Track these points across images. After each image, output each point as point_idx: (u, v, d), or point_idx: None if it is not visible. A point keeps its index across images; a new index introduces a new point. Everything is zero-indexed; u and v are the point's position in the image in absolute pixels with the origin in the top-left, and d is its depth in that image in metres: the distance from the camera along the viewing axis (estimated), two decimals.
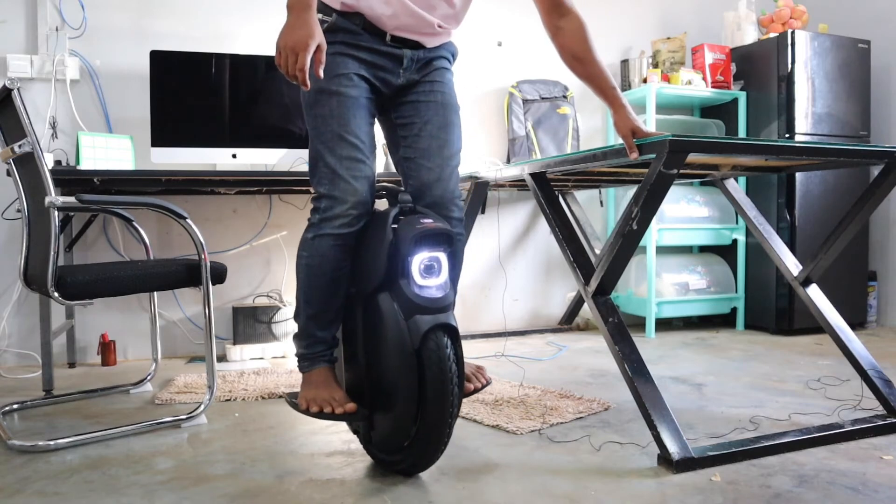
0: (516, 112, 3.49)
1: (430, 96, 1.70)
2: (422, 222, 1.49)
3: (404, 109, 1.71)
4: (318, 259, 1.58)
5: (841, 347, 2.07)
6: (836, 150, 1.80)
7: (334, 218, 1.56)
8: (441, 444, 1.48)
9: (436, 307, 1.46)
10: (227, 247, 3.15)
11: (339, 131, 1.57)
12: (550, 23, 1.77)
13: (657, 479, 1.55)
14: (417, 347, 1.43)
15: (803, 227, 3.49)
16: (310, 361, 1.64)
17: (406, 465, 1.53)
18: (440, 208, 1.67)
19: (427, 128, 1.68)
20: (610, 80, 1.75)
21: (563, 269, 3.75)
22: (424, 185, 1.66)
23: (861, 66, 3.64)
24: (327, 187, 1.57)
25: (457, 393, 1.45)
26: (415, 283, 1.47)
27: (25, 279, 2.00)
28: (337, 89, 1.58)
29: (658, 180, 1.63)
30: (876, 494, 1.46)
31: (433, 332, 1.44)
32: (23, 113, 1.83)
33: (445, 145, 1.69)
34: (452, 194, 1.69)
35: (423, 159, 1.67)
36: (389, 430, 1.53)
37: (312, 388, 1.60)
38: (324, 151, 1.58)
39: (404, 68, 1.67)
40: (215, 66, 2.90)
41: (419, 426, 1.46)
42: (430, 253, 1.50)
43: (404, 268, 1.48)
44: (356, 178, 1.56)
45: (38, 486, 1.54)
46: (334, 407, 1.54)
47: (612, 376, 2.56)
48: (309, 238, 1.60)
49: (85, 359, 2.96)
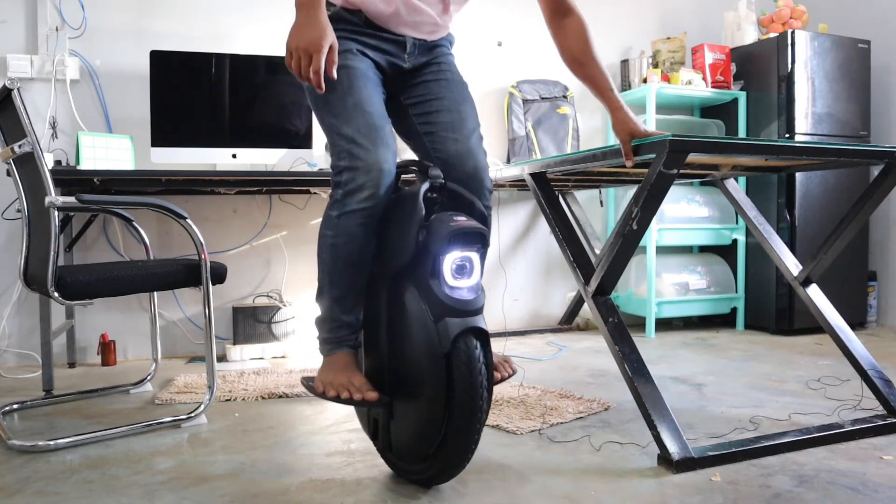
0: (516, 112, 3.49)
1: (440, 75, 1.68)
2: (455, 220, 1.40)
3: (415, 90, 1.67)
4: (345, 238, 1.49)
5: (841, 347, 2.07)
6: (836, 150, 1.80)
7: (358, 190, 1.46)
8: (468, 453, 1.40)
9: (467, 310, 1.38)
10: (227, 247, 3.15)
11: (352, 101, 1.50)
12: (553, 22, 1.77)
13: (657, 479, 1.55)
14: (447, 352, 1.35)
15: (803, 227, 3.49)
16: (332, 345, 1.56)
17: (430, 474, 1.45)
18: (473, 181, 1.60)
19: (443, 102, 1.64)
20: (609, 82, 1.75)
21: (563, 269, 3.75)
22: (453, 157, 1.60)
23: (861, 66, 3.64)
24: (347, 159, 1.47)
25: (487, 398, 1.38)
26: (446, 284, 1.39)
27: (25, 279, 2.00)
28: (343, 62, 1.53)
29: (658, 180, 1.63)
30: (876, 494, 1.46)
31: (463, 336, 1.36)
32: (23, 113, 1.83)
33: (467, 118, 1.65)
34: (485, 168, 1.63)
35: (446, 132, 1.61)
36: (413, 437, 1.45)
37: (332, 372, 1.52)
38: (338, 125, 1.50)
39: (408, 53, 1.65)
40: (215, 66, 2.90)
41: (446, 433, 1.38)
42: (462, 252, 1.41)
43: (435, 267, 1.39)
44: (376, 144, 1.47)
45: (38, 486, 1.54)
46: (352, 393, 1.46)
47: (612, 376, 2.56)
48: (333, 216, 1.50)
49: (85, 359, 2.96)
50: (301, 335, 3.08)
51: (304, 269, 3.25)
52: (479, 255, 1.44)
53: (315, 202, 3.26)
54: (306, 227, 3.27)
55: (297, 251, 3.24)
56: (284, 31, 3.43)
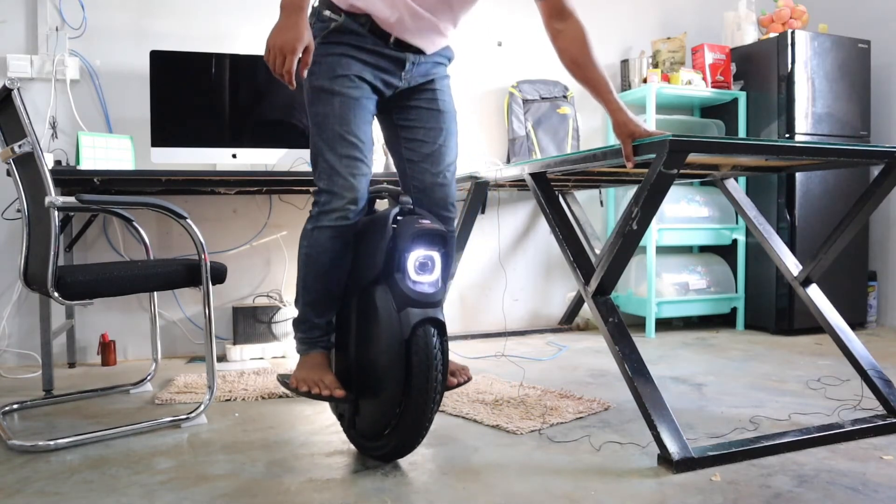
0: (516, 112, 3.49)
1: (433, 104, 1.81)
2: (420, 222, 1.58)
3: (407, 113, 1.80)
4: (317, 249, 1.67)
5: (841, 347, 2.07)
6: (836, 150, 1.80)
7: (331, 212, 1.65)
8: (422, 431, 1.56)
9: (427, 302, 1.55)
10: (227, 247, 3.15)
11: (339, 131, 1.65)
12: (551, 26, 1.79)
13: (657, 479, 1.55)
14: (407, 337, 1.51)
15: (803, 227, 3.49)
16: (307, 345, 1.73)
17: (387, 450, 1.60)
18: (440, 209, 1.80)
19: (430, 134, 1.79)
20: (608, 84, 1.76)
21: (563, 269, 3.75)
22: (427, 187, 1.79)
23: (861, 66, 3.64)
24: (326, 183, 1.65)
25: (441, 381, 1.54)
26: (409, 278, 1.56)
27: (25, 279, 2.00)
28: (340, 90, 1.66)
29: (658, 180, 1.63)
30: (876, 494, 1.46)
31: (422, 324, 1.52)
32: (23, 113, 1.83)
33: (447, 153, 1.81)
34: (452, 197, 1.83)
35: (426, 164, 1.79)
36: (374, 414, 1.61)
37: (305, 370, 1.69)
38: (324, 149, 1.66)
39: (405, 72, 1.74)
40: (215, 66, 2.90)
41: (403, 411, 1.54)
42: (425, 251, 1.58)
43: (400, 263, 1.56)
44: (354, 175, 1.64)
45: (38, 486, 1.54)
46: (321, 389, 1.63)
47: (612, 376, 2.56)
48: (309, 229, 1.69)
49: (85, 359, 2.96)
50: None
51: None
52: (441, 254, 1.62)
53: None
54: None
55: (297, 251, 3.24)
56: None
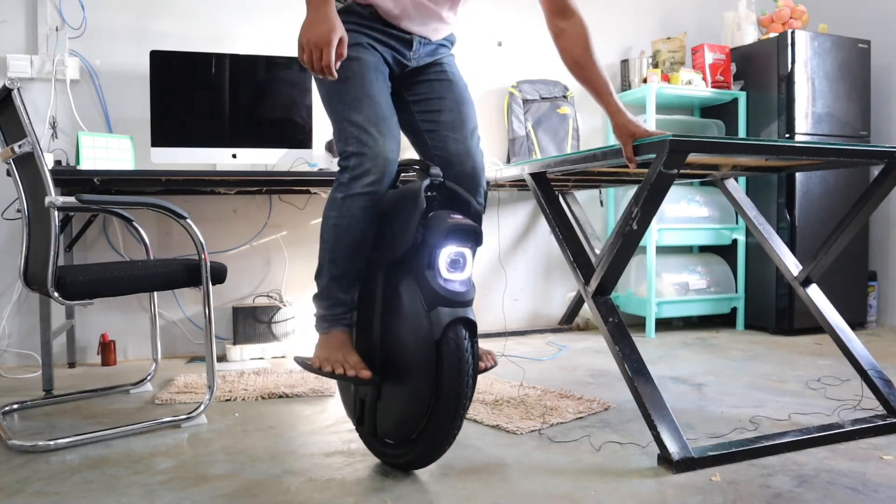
0: (516, 112, 3.49)
1: (443, 75, 1.76)
2: (452, 217, 1.49)
3: (418, 88, 1.75)
4: (348, 219, 1.57)
5: (841, 347, 2.07)
6: (836, 150, 1.80)
7: (365, 174, 1.55)
8: (450, 438, 1.48)
9: (458, 301, 1.46)
10: (227, 247, 3.15)
11: (362, 91, 1.58)
12: (554, 24, 1.77)
13: (657, 479, 1.55)
14: (438, 339, 1.43)
15: (803, 227, 3.49)
16: (329, 323, 1.63)
17: (410, 458, 1.52)
18: (470, 181, 1.70)
19: (446, 102, 1.72)
20: (609, 86, 1.76)
21: (563, 269, 3.75)
22: (453, 156, 1.69)
23: (861, 66, 3.64)
24: (356, 145, 1.56)
25: (471, 386, 1.46)
26: (440, 276, 1.47)
27: (25, 279, 2.00)
28: (355, 55, 1.60)
29: (658, 180, 1.63)
30: (876, 494, 1.46)
31: (454, 325, 1.45)
32: (23, 113, 1.83)
33: (467, 119, 1.73)
34: (482, 168, 1.73)
35: (448, 131, 1.70)
36: (398, 420, 1.52)
37: (328, 349, 1.59)
38: (349, 112, 1.57)
39: (414, 51, 1.71)
40: (215, 66, 2.90)
41: (431, 418, 1.45)
42: (457, 248, 1.49)
43: (431, 259, 1.47)
44: (383, 134, 1.56)
45: (38, 486, 1.54)
46: (346, 369, 1.53)
47: (612, 376, 2.56)
48: (339, 198, 1.58)
49: (85, 359, 2.96)
50: (301, 335, 3.08)
51: (304, 269, 3.25)
52: (473, 251, 1.53)
53: (315, 202, 3.26)
54: (306, 227, 3.27)
55: (297, 251, 3.24)
56: (284, 31, 3.43)
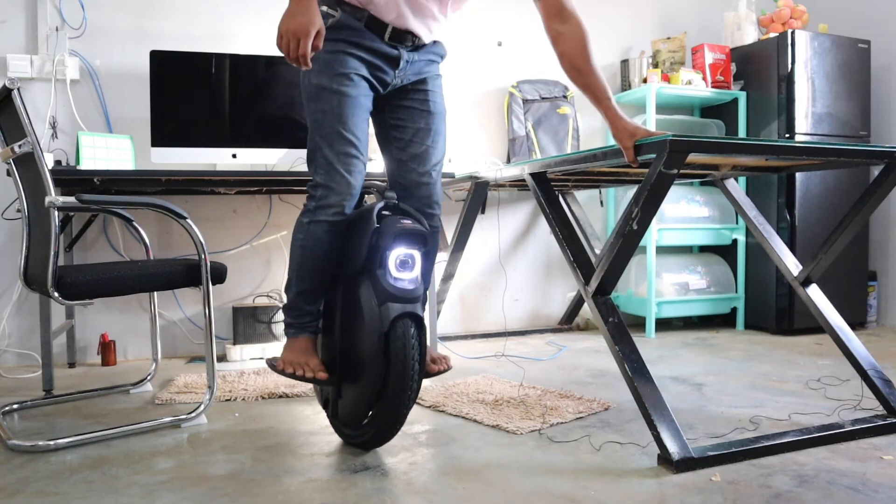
0: (516, 112, 3.49)
1: (424, 105, 1.86)
2: (402, 222, 1.65)
3: (399, 112, 1.86)
4: (312, 242, 1.73)
5: (841, 347, 2.07)
6: (836, 150, 1.80)
7: (328, 207, 1.71)
8: (399, 421, 1.63)
9: (407, 297, 1.61)
10: (227, 247, 3.15)
11: (338, 128, 1.70)
12: (551, 28, 1.77)
13: (657, 479, 1.55)
14: (386, 330, 1.58)
15: (803, 227, 3.49)
16: (296, 329, 1.79)
17: (366, 437, 1.68)
18: (425, 207, 1.87)
19: (419, 135, 1.85)
20: (607, 91, 1.76)
21: (563, 269, 3.75)
22: (413, 185, 1.85)
23: (861, 66, 3.64)
24: (324, 178, 1.71)
25: (418, 371, 1.61)
26: (390, 275, 1.63)
27: (25, 279, 2.00)
28: (338, 88, 1.70)
29: (658, 180, 1.63)
30: (876, 494, 1.46)
31: (401, 318, 1.60)
32: (23, 113, 1.83)
33: (434, 153, 1.87)
34: (437, 196, 1.89)
35: (413, 164, 1.84)
36: (354, 404, 1.69)
37: (293, 353, 1.76)
38: (322, 145, 1.71)
39: (399, 69, 1.78)
40: (215, 66, 2.90)
41: (381, 401, 1.61)
42: (406, 249, 1.65)
43: (382, 260, 1.63)
44: (350, 172, 1.71)
45: (38, 486, 1.54)
46: (305, 371, 1.70)
47: (612, 376, 2.56)
48: (305, 222, 1.74)
49: (85, 359, 2.96)
50: None
51: None
52: (421, 253, 1.68)
53: None
54: None
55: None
56: None
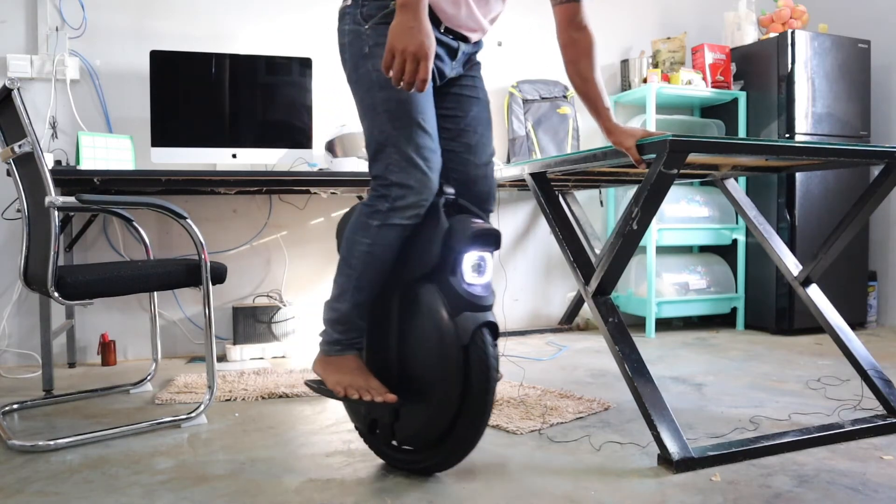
0: (516, 112, 3.49)
1: (473, 91, 1.73)
2: (475, 221, 1.49)
3: (449, 101, 1.70)
4: (382, 248, 1.52)
5: (841, 347, 2.07)
6: (836, 150, 1.80)
7: (407, 208, 1.50)
8: (476, 440, 1.49)
9: (483, 305, 1.47)
10: (227, 247, 3.15)
11: (417, 119, 1.50)
12: (567, 34, 1.76)
13: (657, 479, 1.55)
14: (466, 343, 1.43)
15: (803, 227, 3.49)
16: (343, 347, 1.58)
17: (432, 462, 1.52)
18: (482, 202, 1.72)
19: (472, 123, 1.72)
20: (606, 101, 1.78)
21: (563, 269, 3.75)
22: (471, 179, 1.70)
23: (861, 66, 3.64)
24: (400, 175, 1.50)
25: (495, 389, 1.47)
26: (464, 281, 1.47)
27: (25, 279, 2.00)
28: None
29: (658, 180, 1.63)
30: (876, 494, 1.46)
31: (480, 329, 1.45)
32: (23, 113, 1.83)
33: (488, 143, 1.75)
34: (494, 191, 1.76)
35: (469, 154, 1.70)
36: (424, 426, 1.50)
37: (347, 374, 1.55)
38: (397, 139, 1.50)
39: (456, 60, 1.67)
40: (215, 66, 2.90)
41: (458, 422, 1.46)
42: (481, 252, 1.50)
43: (455, 264, 1.47)
44: (431, 168, 1.51)
45: (38, 486, 1.54)
46: (373, 395, 1.50)
47: (612, 376, 2.56)
48: (374, 225, 1.52)
49: (85, 359, 2.96)
50: (301, 335, 3.08)
51: (304, 269, 3.25)
52: (492, 256, 1.54)
53: (315, 202, 3.26)
54: (306, 227, 3.27)
55: (297, 251, 3.24)
56: (284, 31, 3.42)
